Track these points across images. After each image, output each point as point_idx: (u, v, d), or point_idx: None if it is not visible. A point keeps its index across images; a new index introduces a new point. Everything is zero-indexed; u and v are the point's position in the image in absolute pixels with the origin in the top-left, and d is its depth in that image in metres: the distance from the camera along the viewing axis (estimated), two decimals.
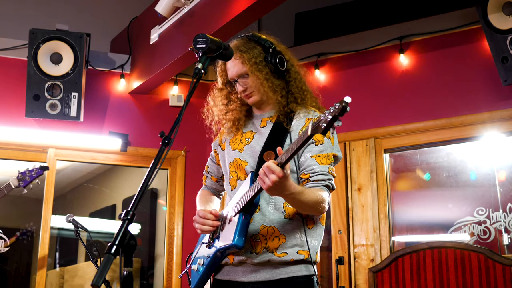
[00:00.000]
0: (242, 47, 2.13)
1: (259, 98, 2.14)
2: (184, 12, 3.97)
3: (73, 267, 5.46)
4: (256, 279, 2.01)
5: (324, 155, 2.02)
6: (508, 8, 3.46)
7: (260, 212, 2.02)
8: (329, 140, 2.05)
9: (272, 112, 2.17)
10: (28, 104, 4.17)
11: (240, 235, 1.92)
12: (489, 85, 3.79)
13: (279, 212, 2.02)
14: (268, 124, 2.14)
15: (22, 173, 3.69)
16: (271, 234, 2.00)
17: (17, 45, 4.42)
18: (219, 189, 2.41)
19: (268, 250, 1.99)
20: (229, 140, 2.23)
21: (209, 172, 2.40)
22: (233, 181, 2.14)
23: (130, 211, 1.54)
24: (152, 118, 4.77)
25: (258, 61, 2.10)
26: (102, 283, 1.43)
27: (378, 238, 3.96)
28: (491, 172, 3.86)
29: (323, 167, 2.01)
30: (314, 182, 1.99)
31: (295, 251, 2.00)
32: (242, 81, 2.12)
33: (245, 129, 2.20)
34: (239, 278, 2.05)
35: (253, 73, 2.09)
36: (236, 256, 2.04)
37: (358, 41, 4.34)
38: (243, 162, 2.11)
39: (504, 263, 3.22)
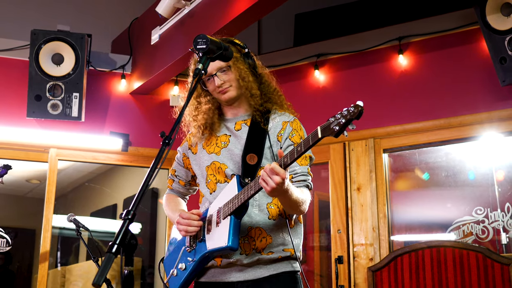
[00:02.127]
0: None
1: (235, 94, 2.14)
2: (185, 13, 3.99)
3: (74, 266, 5.48)
4: (245, 278, 2.03)
5: (303, 156, 2.04)
6: (506, 9, 3.48)
7: (247, 214, 2.03)
8: None
9: (245, 116, 2.18)
10: (30, 104, 4.19)
11: (234, 237, 1.92)
12: (488, 86, 3.80)
13: (263, 213, 2.05)
14: (243, 127, 2.15)
15: None
16: (258, 235, 2.03)
17: (19, 45, 4.44)
18: (185, 193, 2.42)
19: (257, 250, 2.02)
20: (201, 143, 2.22)
21: (177, 176, 2.37)
22: (212, 184, 2.14)
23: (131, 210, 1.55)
24: (152, 118, 4.79)
25: (238, 57, 2.14)
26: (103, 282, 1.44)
27: (377, 237, 3.98)
28: (490, 172, 3.87)
29: (303, 168, 2.07)
30: (296, 182, 2.04)
31: (280, 249, 2.04)
32: (221, 74, 2.12)
33: (219, 132, 2.19)
34: (227, 278, 2.06)
35: (235, 66, 2.12)
36: (224, 258, 2.04)
37: (358, 42, 4.36)
38: (222, 165, 2.12)
39: (502, 262, 3.23)
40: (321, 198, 4.53)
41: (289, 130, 2.12)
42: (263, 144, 2.09)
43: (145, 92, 4.75)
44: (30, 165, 5.00)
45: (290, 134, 2.11)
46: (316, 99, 4.39)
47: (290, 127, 2.12)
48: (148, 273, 5.27)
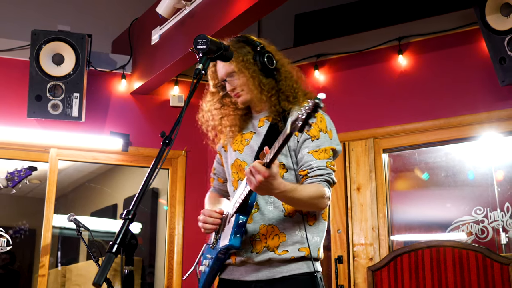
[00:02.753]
0: (231, 47, 2.12)
1: (248, 97, 2.13)
2: (185, 13, 3.99)
3: (74, 266, 5.49)
4: (258, 278, 2.01)
5: (321, 150, 2.00)
6: (505, 9, 3.48)
7: (259, 211, 2.01)
8: (326, 134, 2.04)
9: (267, 113, 2.16)
10: (30, 104, 4.20)
11: (235, 235, 1.92)
12: (487, 86, 3.81)
13: (279, 210, 2.01)
14: (266, 123, 2.13)
15: (10, 173, 3.68)
16: (270, 233, 2.00)
17: (19, 46, 4.44)
18: (227, 190, 2.36)
19: (269, 249, 1.99)
20: (230, 141, 2.22)
21: (216, 173, 2.39)
22: (235, 182, 2.14)
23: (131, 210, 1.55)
24: (153, 118, 4.80)
25: (245, 59, 2.10)
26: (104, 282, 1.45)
27: (377, 237, 3.98)
28: (489, 172, 3.87)
29: (320, 162, 1.98)
30: (313, 177, 1.97)
31: (296, 248, 1.99)
32: (230, 80, 2.13)
33: (246, 130, 2.19)
34: (242, 277, 2.05)
35: (240, 71, 2.09)
36: (237, 256, 2.04)
37: (357, 42, 4.36)
38: (242, 162, 2.12)
39: (501, 262, 3.23)
40: None
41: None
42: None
43: (146, 92, 4.75)
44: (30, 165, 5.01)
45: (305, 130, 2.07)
46: None
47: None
48: (148, 273, 5.27)
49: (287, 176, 2.03)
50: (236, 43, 2.15)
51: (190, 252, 4.67)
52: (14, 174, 3.68)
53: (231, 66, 2.11)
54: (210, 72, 2.23)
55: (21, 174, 3.68)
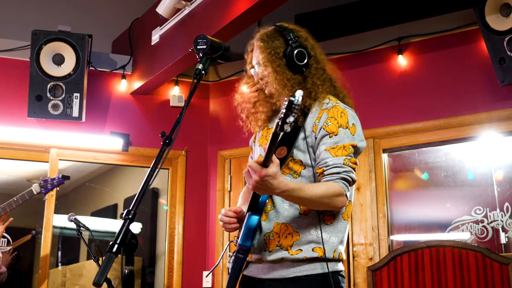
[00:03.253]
0: (264, 36, 2.10)
1: (271, 90, 2.08)
2: (185, 14, 4.00)
3: (75, 266, 5.50)
4: (273, 277, 1.97)
5: (339, 147, 1.93)
6: (505, 10, 3.48)
7: (275, 209, 1.98)
8: (347, 130, 1.96)
9: None
10: (31, 104, 4.21)
11: (245, 234, 1.91)
12: (487, 86, 3.81)
13: (294, 208, 1.96)
14: None
15: (44, 180, 3.78)
16: (284, 231, 1.96)
17: (20, 46, 4.45)
18: None
19: (282, 247, 1.95)
20: (258, 136, 2.20)
21: None
22: None
23: (131, 210, 1.56)
24: (153, 118, 4.81)
25: (273, 52, 2.05)
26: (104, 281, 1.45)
27: (376, 237, 3.99)
28: (489, 172, 3.87)
29: (337, 160, 1.90)
30: (329, 176, 1.90)
31: (310, 248, 1.94)
32: (257, 70, 2.10)
33: (271, 124, 2.16)
34: (259, 275, 2.02)
35: (264, 63, 2.06)
36: (253, 254, 2.02)
37: (357, 42, 4.37)
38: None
39: (501, 262, 3.23)
40: None
41: (324, 118, 1.98)
42: (296, 136, 1.98)
43: (146, 92, 4.76)
44: (31, 165, 5.02)
45: (324, 123, 1.97)
46: None
47: (326, 114, 1.98)
48: (148, 273, 5.28)
49: (305, 173, 1.98)
50: (272, 33, 2.10)
51: (190, 252, 4.68)
52: (47, 182, 3.77)
53: (259, 57, 2.07)
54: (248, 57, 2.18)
55: (54, 182, 3.78)
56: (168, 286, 4.59)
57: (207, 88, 5.00)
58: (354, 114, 2.04)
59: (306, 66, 2.07)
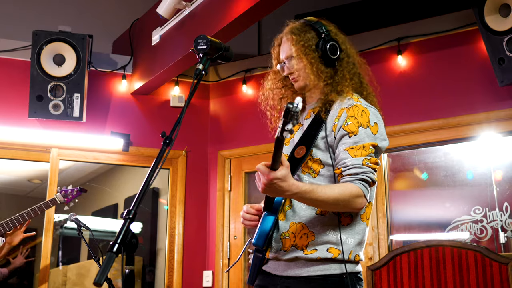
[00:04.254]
0: (295, 30, 2.09)
1: (303, 84, 2.06)
2: (185, 14, 4.01)
3: (75, 265, 5.51)
4: (287, 274, 1.96)
5: (358, 147, 1.89)
6: (504, 10, 3.49)
7: (292, 209, 1.97)
8: (368, 129, 1.92)
9: (315, 104, 2.08)
10: (31, 104, 4.22)
11: (259, 233, 1.92)
12: (486, 86, 3.82)
13: (311, 208, 1.93)
14: (312, 115, 2.06)
15: (65, 190, 3.87)
16: (299, 231, 1.94)
17: (21, 46, 4.46)
18: None
19: (297, 247, 1.94)
20: None
21: None
22: None
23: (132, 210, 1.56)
24: (153, 118, 4.82)
25: (306, 45, 2.04)
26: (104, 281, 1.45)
27: (376, 236, 4.00)
28: (488, 172, 3.88)
29: (356, 160, 1.86)
30: (347, 176, 1.87)
31: (325, 248, 1.91)
32: (288, 63, 2.07)
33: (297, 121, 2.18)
34: (275, 271, 2.02)
35: (298, 56, 2.04)
36: (270, 252, 2.02)
37: (357, 43, 4.30)
38: (285, 156, 2.03)
39: (500, 261, 3.24)
40: None
41: (344, 117, 1.94)
42: (316, 135, 1.96)
43: (146, 93, 4.77)
44: (31, 165, 5.03)
45: (344, 122, 1.93)
46: None
47: (346, 113, 1.95)
48: (148, 272, 5.29)
49: (324, 172, 1.96)
50: (303, 26, 2.09)
51: (191, 252, 4.69)
52: (68, 192, 3.87)
53: (291, 50, 2.06)
54: (274, 52, 2.17)
55: (74, 194, 3.88)
56: (168, 286, 4.60)
57: (207, 88, 5.01)
58: (376, 113, 2.01)
59: (338, 60, 2.06)
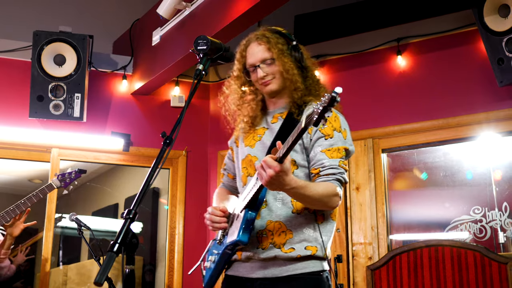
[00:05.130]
0: (268, 33, 2.11)
1: (276, 87, 2.10)
2: (185, 15, 4.02)
3: (76, 265, 5.52)
4: (264, 276, 1.98)
5: (334, 149, 1.98)
6: (503, 11, 3.50)
7: (267, 207, 2.00)
8: (340, 134, 2.02)
9: (283, 109, 2.14)
10: (32, 104, 4.23)
11: (244, 230, 1.91)
12: (485, 86, 3.83)
13: (287, 207, 1.99)
14: (279, 120, 2.11)
15: (61, 174, 3.81)
16: (277, 229, 1.98)
17: (21, 46, 4.47)
18: (236, 187, 2.33)
19: (275, 245, 1.97)
20: (243, 136, 2.21)
21: (226, 169, 2.36)
22: (244, 178, 2.13)
23: (132, 210, 1.56)
24: (153, 118, 4.82)
25: (284, 49, 2.08)
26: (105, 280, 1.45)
27: (376, 236, 4.01)
28: (487, 172, 3.89)
29: (333, 161, 1.96)
30: (324, 176, 1.95)
31: (303, 246, 1.97)
32: (264, 66, 2.08)
33: (258, 125, 2.17)
34: (248, 274, 2.03)
35: (279, 59, 2.07)
36: (243, 252, 2.02)
37: (357, 43, 4.39)
38: (253, 158, 2.09)
39: (499, 261, 3.25)
40: None
41: None
42: None
43: (146, 93, 4.78)
44: (32, 165, 5.04)
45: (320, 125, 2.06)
46: None
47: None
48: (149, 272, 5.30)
49: (298, 173, 2.01)
50: (273, 33, 2.13)
51: (191, 251, 4.70)
52: (65, 176, 3.81)
53: (269, 53, 2.08)
54: (239, 56, 2.17)
55: (72, 176, 3.82)
56: (169, 285, 4.61)
57: (207, 88, 5.02)
58: (344, 120, 2.11)
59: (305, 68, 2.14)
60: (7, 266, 3.99)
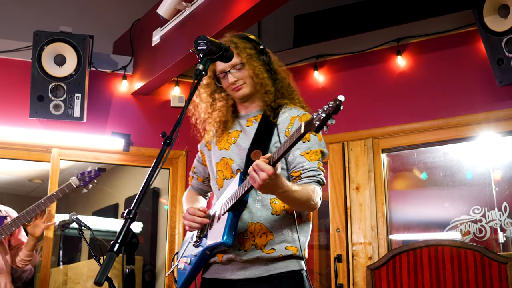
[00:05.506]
0: (235, 39, 2.15)
1: (248, 91, 2.14)
2: (186, 15, 4.02)
3: (76, 265, 5.52)
4: (246, 276, 2.00)
5: (312, 152, 2.04)
6: (503, 11, 3.51)
7: (248, 209, 2.01)
8: (316, 137, 2.07)
9: (257, 112, 2.17)
10: (32, 104, 4.23)
11: (229, 233, 1.92)
12: (485, 86, 3.83)
13: (266, 208, 2.02)
14: (254, 123, 2.14)
15: (81, 173, 3.83)
16: (258, 231, 2.00)
17: (22, 47, 4.47)
18: (205, 190, 2.41)
19: (256, 247, 1.99)
20: (215, 140, 2.22)
21: (196, 172, 2.39)
22: (220, 181, 2.14)
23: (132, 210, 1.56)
24: (154, 118, 4.83)
25: (252, 53, 2.12)
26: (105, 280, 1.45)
27: (375, 236, 4.01)
28: (487, 172, 3.90)
29: (312, 163, 2.02)
30: (305, 178, 2.00)
31: (283, 247, 2.00)
32: (234, 72, 2.12)
33: (231, 129, 2.20)
34: (228, 276, 2.04)
35: (249, 64, 2.10)
36: (225, 254, 2.03)
37: (356, 43, 4.39)
38: (229, 160, 2.12)
39: (499, 261, 3.25)
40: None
41: (297, 124, 2.07)
42: (269, 139, 2.06)
43: (146, 93, 4.78)
44: (32, 165, 5.04)
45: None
46: (315, 99, 4.41)
47: (299, 121, 2.07)
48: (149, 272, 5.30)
49: None
50: (240, 38, 2.17)
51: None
52: (84, 175, 3.82)
53: (238, 58, 2.11)
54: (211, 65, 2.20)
55: (91, 175, 3.83)
56: (169, 285, 4.62)
57: None
58: None
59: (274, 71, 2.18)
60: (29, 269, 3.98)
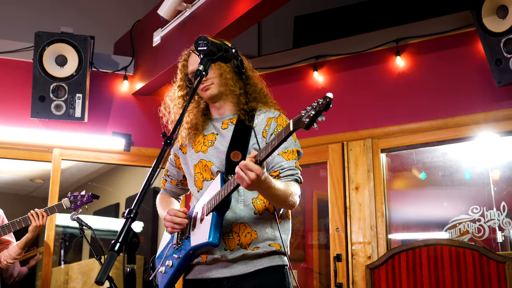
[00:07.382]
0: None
1: (216, 91, 2.15)
2: (186, 15, 4.04)
3: (77, 264, 5.54)
4: (232, 274, 2.03)
5: (289, 151, 2.08)
6: (502, 12, 3.52)
7: (231, 209, 2.03)
8: (291, 137, 2.09)
9: (231, 115, 2.19)
10: (34, 105, 4.25)
11: (215, 232, 1.93)
12: (484, 87, 3.84)
13: (249, 208, 2.06)
14: (230, 126, 2.17)
15: (74, 196, 3.80)
16: (243, 230, 2.03)
17: (23, 47, 4.49)
18: (178, 193, 2.44)
19: (242, 246, 2.02)
20: (191, 143, 2.24)
21: (169, 175, 2.42)
22: (199, 183, 2.16)
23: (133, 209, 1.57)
24: (154, 118, 4.80)
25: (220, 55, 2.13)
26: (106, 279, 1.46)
27: (375, 236, 4.02)
28: (486, 172, 3.91)
29: (290, 163, 2.06)
30: (284, 177, 2.04)
31: (267, 244, 2.04)
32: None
33: (206, 131, 2.21)
34: (213, 275, 2.06)
35: (217, 64, 2.12)
36: (209, 254, 2.04)
37: (356, 44, 4.40)
38: (208, 163, 2.13)
39: (498, 260, 3.26)
40: (320, 197, 4.58)
41: (274, 125, 2.12)
42: (247, 141, 2.10)
43: (147, 93, 4.80)
44: (34, 165, 5.07)
45: (275, 129, 2.12)
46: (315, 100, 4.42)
47: (275, 122, 2.13)
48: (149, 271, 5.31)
49: None
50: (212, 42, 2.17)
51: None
52: (77, 198, 3.80)
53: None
54: (180, 66, 2.25)
55: (84, 200, 3.81)
56: None
57: None
58: None
59: (246, 77, 2.19)
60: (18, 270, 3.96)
